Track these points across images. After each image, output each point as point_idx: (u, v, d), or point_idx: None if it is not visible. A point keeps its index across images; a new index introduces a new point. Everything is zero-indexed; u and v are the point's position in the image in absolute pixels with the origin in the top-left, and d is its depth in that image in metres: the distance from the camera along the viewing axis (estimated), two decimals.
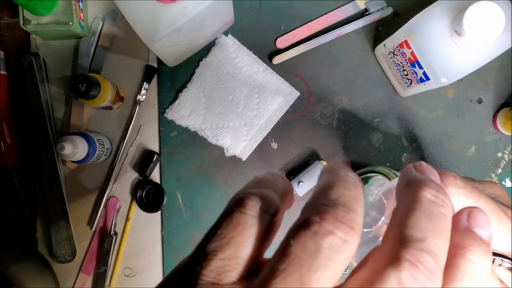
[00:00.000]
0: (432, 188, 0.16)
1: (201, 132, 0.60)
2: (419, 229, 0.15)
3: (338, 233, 0.14)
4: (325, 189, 0.16)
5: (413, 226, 0.15)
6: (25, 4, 0.52)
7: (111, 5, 0.61)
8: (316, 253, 0.14)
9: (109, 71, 0.61)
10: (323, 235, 0.14)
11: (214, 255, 0.15)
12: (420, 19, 0.47)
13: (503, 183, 0.61)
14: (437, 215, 0.15)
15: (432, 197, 0.16)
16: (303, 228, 0.14)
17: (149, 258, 0.60)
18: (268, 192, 0.17)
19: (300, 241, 0.14)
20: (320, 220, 0.14)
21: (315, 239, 0.14)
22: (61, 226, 0.59)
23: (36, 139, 0.58)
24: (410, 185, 0.17)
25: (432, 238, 0.15)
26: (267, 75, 0.60)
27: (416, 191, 0.16)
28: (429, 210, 0.15)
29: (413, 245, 0.14)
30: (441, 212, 0.15)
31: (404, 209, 0.16)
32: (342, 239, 0.14)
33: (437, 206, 0.15)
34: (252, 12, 0.61)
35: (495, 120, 0.60)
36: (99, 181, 0.60)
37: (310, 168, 0.58)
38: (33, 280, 0.54)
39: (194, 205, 0.60)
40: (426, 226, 0.15)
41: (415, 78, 0.53)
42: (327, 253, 0.14)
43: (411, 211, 0.15)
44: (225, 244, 0.16)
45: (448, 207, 0.16)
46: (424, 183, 0.16)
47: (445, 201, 0.16)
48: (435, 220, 0.15)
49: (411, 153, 0.61)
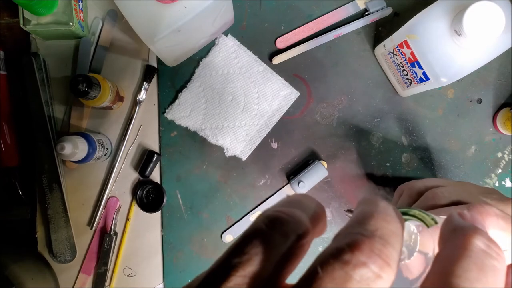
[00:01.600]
0: (484, 237, 0.14)
1: (201, 132, 0.60)
2: (467, 279, 0.13)
3: (372, 267, 0.13)
4: (362, 219, 0.15)
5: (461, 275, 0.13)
6: (25, 4, 0.52)
7: (111, 5, 0.61)
8: (345, 284, 0.13)
9: (109, 71, 0.61)
10: (355, 266, 0.13)
11: (235, 271, 0.14)
12: (420, 19, 0.47)
13: (503, 183, 0.61)
14: (489, 267, 0.13)
15: (484, 247, 0.14)
16: (333, 256, 0.13)
17: (149, 258, 0.60)
18: (298, 213, 0.16)
19: (329, 269, 0.13)
20: (354, 249, 0.13)
21: (345, 269, 0.13)
22: (61, 226, 0.59)
23: (36, 139, 0.58)
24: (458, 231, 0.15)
25: None
26: (267, 75, 0.60)
27: (466, 238, 0.14)
28: (480, 260, 0.14)
29: None
30: (494, 264, 0.14)
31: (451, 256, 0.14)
32: (376, 274, 0.13)
33: (490, 258, 0.14)
34: (252, 12, 0.61)
35: (495, 120, 0.60)
36: (99, 181, 0.60)
37: (310, 168, 0.58)
38: (33, 280, 0.54)
39: (194, 205, 0.60)
40: (476, 278, 0.13)
41: (415, 78, 0.53)
42: (357, 286, 0.13)
43: (459, 258, 0.14)
44: (246, 261, 0.14)
45: (502, 260, 0.14)
46: (475, 230, 0.15)
47: (498, 253, 0.14)
48: (487, 273, 0.13)
49: (411, 153, 0.61)
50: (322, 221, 0.17)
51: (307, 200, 0.17)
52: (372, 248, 0.13)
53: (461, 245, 0.14)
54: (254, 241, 0.15)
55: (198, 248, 0.60)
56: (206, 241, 0.60)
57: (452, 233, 0.15)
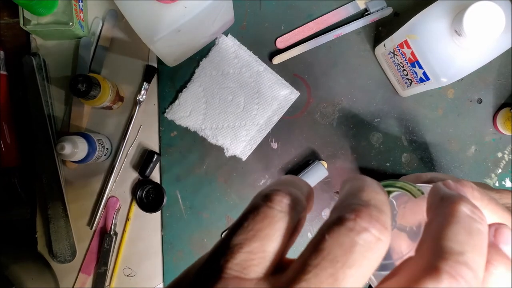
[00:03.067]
0: (469, 203, 0.16)
1: (201, 132, 0.60)
2: (458, 242, 0.15)
3: (373, 231, 0.14)
4: (355, 192, 0.16)
5: (451, 239, 0.15)
6: (25, 4, 0.52)
7: (111, 5, 0.61)
8: (351, 249, 0.14)
9: (109, 71, 0.61)
10: (358, 232, 0.14)
11: (240, 248, 0.15)
12: (420, 19, 0.47)
13: (503, 183, 0.61)
14: (475, 230, 0.15)
15: (469, 212, 0.16)
16: (337, 224, 0.15)
17: (149, 258, 0.60)
18: (294, 190, 0.17)
19: (335, 236, 0.14)
20: (355, 217, 0.15)
21: (350, 236, 0.14)
22: (61, 226, 0.59)
23: (36, 139, 0.58)
24: (445, 200, 0.17)
25: (472, 253, 0.14)
26: (267, 75, 0.60)
27: (453, 206, 0.16)
28: (467, 224, 0.15)
29: (453, 258, 0.14)
30: (479, 228, 0.15)
31: (441, 223, 0.16)
32: (376, 237, 0.14)
33: (475, 222, 0.15)
34: (252, 12, 0.61)
35: (495, 120, 0.60)
36: (99, 181, 0.60)
37: (310, 168, 0.58)
38: (33, 280, 0.54)
39: (194, 205, 0.60)
40: (465, 240, 0.15)
41: (415, 78, 0.53)
42: (361, 249, 0.14)
43: (449, 224, 0.15)
44: (251, 237, 0.15)
45: (485, 224, 0.16)
46: (460, 198, 0.16)
47: (481, 217, 0.16)
48: (474, 236, 0.15)
49: (411, 153, 0.61)
50: (312, 199, 0.19)
51: (298, 180, 0.19)
52: (371, 215, 0.15)
53: (449, 212, 0.16)
54: (256, 218, 0.16)
55: (198, 248, 0.60)
56: (206, 241, 0.60)
57: (440, 202, 0.17)
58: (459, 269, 0.14)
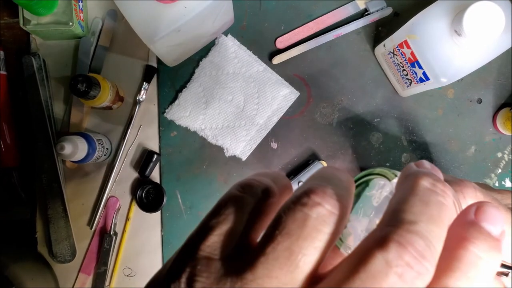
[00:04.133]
0: (431, 177, 0.15)
1: (201, 132, 0.60)
2: (412, 213, 0.14)
3: (326, 205, 0.15)
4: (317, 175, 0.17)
5: (406, 210, 0.14)
6: (25, 4, 0.52)
7: (111, 5, 0.61)
8: (304, 222, 0.15)
9: (109, 71, 0.61)
10: (311, 206, 0.15)
11: (212, 230, 0.16)
12: (420, 19, 0.47)
13: (502, 183, 0.61)
14: (434, 202, 0.15)
15: (429, 186, 0.15)
16: (293, 202, 0.15)
17: (149, 258, 0.60)
18: (265, 178, 0.18)
19: (290, 213, 0.15)
20: (310, 194, 0.15)
21: (303, 210, 0.15)
22: (61, 226, 0.59)
23: (36, 139, 0.58)
24: (408, 176, 0.16)
25: (426, 223, 0.14)
26: (267, 75, 0.60)
27: (414, 180, 0.15)
28: (425, 196, 0.15)
29: (403, 227, 0.14)
30: (439, 200, 0.15)
31: (399, 197, 0.15)
32: (329, 211, 0.15)
33: (435, 194, 0.15)
34: (252, 12, 0.61)
35: (495, 120, 0.60)
36: (99, 181, 0.60)
37: (310, 168, 0.58)
38: (33, 280, 0.54)
39: (194, 205, 0.60)
40: (420, 211, 0.14)
41: (415, 78, 0.53)
42: (314, 222, 0.15)
43: (406, 197, 0.15)
44: (222, 221, 0.16)
45: (448, 197, 0.15)
46: (423, 173, 0.16)
47: (444, 190, 0.15)
48: (431, 207, 0.14)
49: (411, 153, 0.61)
50: (288, 190, 0.19)
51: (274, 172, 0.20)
52: (325, 191, 0.15)
53: (409, 186, 0.15)
54: (228, 204, 0.17)
55: None
56: None
57: (405, 179, 0.16)
58: (408, 237, 0.13)
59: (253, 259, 0.15)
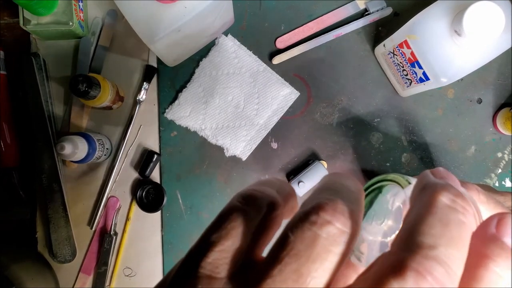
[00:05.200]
0: (450, 192, 0.14)
1: (201, 132, 0.60)
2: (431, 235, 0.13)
3: (337, 224, 0.14)
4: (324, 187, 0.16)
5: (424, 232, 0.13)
6: (25, 4, 0.52)
7: (111, 5, 0.61)
8: (314, 243, 0.14)
9: (109, 71, 0.61)
10: (321, 225, 0.14)
11: (214, 246, 0.15)
12: (420, 19, 0.47)
13: (503, 183, 0.61)
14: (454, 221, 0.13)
15: (449, 202, 0.14)
16: (301, 219, 0.14)
17: (149, 258, 0.60)
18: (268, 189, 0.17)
19: (298, 232, 0.14)
20: (319, 211, 0.14)
21: (312, 229, 0.14)
22: (61, 226, 0.59)
23: (36, 139, 0.58)
24: (426, 189, 0.15)
25: (446, 246, 0.13)
26: (267, 75, 0.60)
27: (432, 195, 0.14)
28: (444, 215, 0.14)
29: (422, 252, 0.13)
30: (459, 219, 0.14)
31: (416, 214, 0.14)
32: (340, 230, 0.14)
33: (455, 212, 0.14)
34: (252, 12, 0.61)
35: (495, 120, 0.60)
36: (99, 181, 0.60)
37: (310, 168, 0.58)
38: (33, 280, 0.54)
39: (194, 205, 0.60)
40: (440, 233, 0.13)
41: (415, 78, 0.53)
42: (324, 243, 0.14)
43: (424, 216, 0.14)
44: (224, 236, 0.15)
45: (469, 214, 0.14)
46: (441, 187, 0.14)
47: (464, 207, 0.14)
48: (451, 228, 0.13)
49: (411, 153, 0.61)
50: (292, 198, 0.18)
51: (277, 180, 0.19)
52: (335, 208, 0.14)
53: (427, 202, 0.14)
54: (230, 217, 0.16)
55: None
56: None
57: (421, 191, 0.15)
58: (428, 265, 0.12)
59: (259, 281, 0.14)
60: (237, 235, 0.15)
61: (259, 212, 0.16)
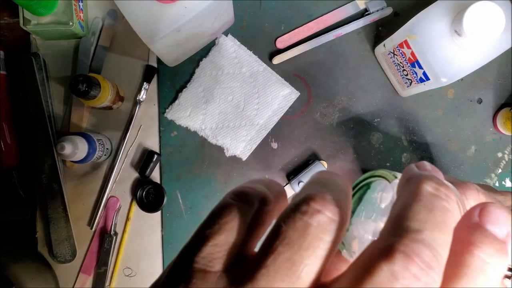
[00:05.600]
0: (434, 181, 0.15)
1: (201, 132, 0.60)
2: (417, 220, 0.14)
3: (327, 213, 0.15)
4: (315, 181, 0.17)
5: (410, 217, 0.14)
6: (25, 4, 0.52)
7: (111, 5, 0.61)
8: (305, 231, 0.14)
9: (109, 71, 0.61)
10: (312, 214, 0.14)
11: (207, 241, 0.15)
12: (420, 19, 0.47)
13: (503, 183, 0.61)
14: (438, 207, 0.14)
15: (433, 190, 0.15)
16: (293, 210, 0.15)
17: (150, 258, 0.60)
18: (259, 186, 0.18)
19: (290, 222, 0.14)
20: (309, 201, 0.15)
21: (303, 218, 0.14)
22: (61, 226, 0.59)
23: (36, 139, 0.58)
24: (411, 180, 0.16)
25: (432, 231, 0.14)
26: (267, 75, 0.60)
27: (416, 185, 0.15)
28: (429, 202, 0.14)
29: (409, 236, 0.13)
30: (443, 205, 0.14)
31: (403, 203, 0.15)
32: (330, 218, 0.14)
33: (439, 199, 0.14)
34: (252, 12, 0.61)
35: (495, 120, 0.60)
36: (99, 181, 0.60)
37: (310, 168, 0.58)
38: (33, 280, 0.54)
39: (194, 205, 0.60)
40: (425, 218, 0.14)
41: (415, 78, 0.53)
42: (315, 231, 0.14)
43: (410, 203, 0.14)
44: (217, 230, 0.16)
45: (452, 201, 0.15)
46: (425, 177, 0.15)
47: (448, 195, 0.15)
48: (436, 213, 0.14)
49: (411, 153, 0.61)
50: (283, 197, 0.19)
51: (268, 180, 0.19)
52: (324, 198, 0.15)
53: (412, 192, 0.15)
54: (223, 212, 0.16)
55: None
56: None
57: (407, 182, 0.16)
58: (414, 247, 0.13)
59: (253, 271, 0.14)
60: (230, 229, 0.16)
61: (251, 207, 0.16)
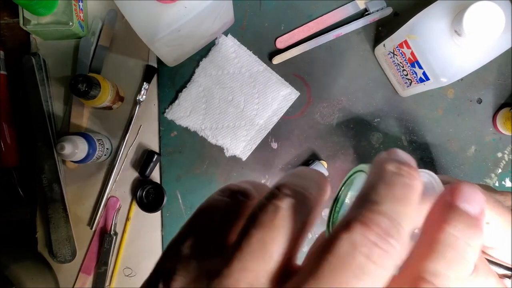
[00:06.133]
0: (396, 161, 0.15)
1: (201, 132, 0.60)
2: (377, 194, 0.14)
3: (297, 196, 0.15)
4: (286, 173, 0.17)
5: (371, 193, 0.14)
6: (25, 4, 0.52)
7: (111, 5, 0.61)
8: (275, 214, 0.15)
9: (109, 71, 0.61)
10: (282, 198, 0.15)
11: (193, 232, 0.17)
12: (420, 19, 0.47)
13: (503, 183, 0.61)
14: (399, 183, 0.14)
15: (394, 169, 0.15)
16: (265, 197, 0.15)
17: (150, 258, 0.60)
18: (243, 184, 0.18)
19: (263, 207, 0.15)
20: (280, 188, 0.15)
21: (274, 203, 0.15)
22: (61, 226, 0.59)
23: (36, 139, 0.58)
24: (376, 163, 0.16)
25: (391, 203, 0.14)
26: (267, 75, 0.60)
27: (380, 166, 0.15)
28: (390, 179, 0.14)
29: (368, 207, 0.14)
30: (404, 181, 0.14)
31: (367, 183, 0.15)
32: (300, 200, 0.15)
33: (400, 177, 0.15)
34: (252, 12, 0.61)
35: (495, 120, 0.60)
36: (99, 181, 0.60)
37: None
38: (33, 280, 0.54)
39: (194, 205, 0.60)
40: (385, 193, 0.14)
41: (415, 78, 0.53)
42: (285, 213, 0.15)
43: (372, 183, 0.15)
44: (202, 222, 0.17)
45: (414, 178, 0.15)
46: (389, 159, 0.15)
47: (410, 172, 0.15)
48: (396, 188, 0.14)
49: (411, 153, 0.61)
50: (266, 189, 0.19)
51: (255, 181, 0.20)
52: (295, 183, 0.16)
53: (376, 173, 0.15)
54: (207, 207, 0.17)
55: None
56: None
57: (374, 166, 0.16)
58: (372, 216, 0.13)
59: (229, 255, 0.15)
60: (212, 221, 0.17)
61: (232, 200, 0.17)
